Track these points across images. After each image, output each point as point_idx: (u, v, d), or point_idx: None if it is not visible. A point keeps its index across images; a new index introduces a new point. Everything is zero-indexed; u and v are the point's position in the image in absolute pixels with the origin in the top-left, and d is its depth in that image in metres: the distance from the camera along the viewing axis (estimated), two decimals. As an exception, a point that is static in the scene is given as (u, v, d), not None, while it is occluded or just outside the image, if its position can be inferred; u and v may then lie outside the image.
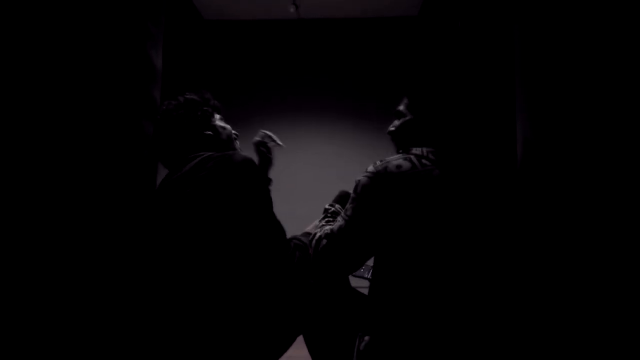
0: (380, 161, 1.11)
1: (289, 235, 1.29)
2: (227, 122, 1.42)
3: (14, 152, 1.02)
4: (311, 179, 3.94)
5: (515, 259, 1.14)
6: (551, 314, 1.05)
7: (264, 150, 1.54)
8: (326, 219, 1.28)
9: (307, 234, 1.35)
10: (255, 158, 1.52)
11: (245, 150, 1.39)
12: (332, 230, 1.10)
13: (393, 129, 1.26)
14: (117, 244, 1.12)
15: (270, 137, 1.57)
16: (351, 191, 1.15)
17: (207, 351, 1.08)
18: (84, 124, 1.07)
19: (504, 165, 1.36)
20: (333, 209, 1.32)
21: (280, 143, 1.58)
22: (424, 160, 1.08)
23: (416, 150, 1.12)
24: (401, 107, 1.26)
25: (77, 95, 1.07)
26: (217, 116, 1.36)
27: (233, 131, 1.40)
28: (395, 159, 1.09)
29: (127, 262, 1.14)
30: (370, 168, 1.11)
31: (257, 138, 1.55)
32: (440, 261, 1.05)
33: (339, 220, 1.11)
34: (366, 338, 1.05)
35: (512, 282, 1.14)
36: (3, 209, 1.00)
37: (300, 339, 1.25)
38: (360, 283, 1.41)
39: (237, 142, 1.42)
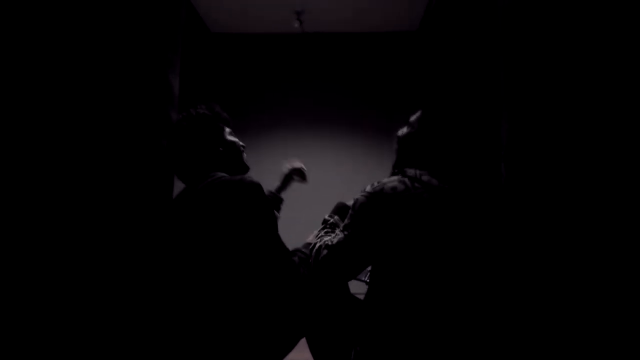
0: (377, 183, 1.23)
1: (293, 244, 1.41)
2: (234, 132, 1.52)
3: (51, 161, 1.14)
4: (313, 185, 4.05)
5: (497, 273, 1.26)
6: (535, 326, 1.17)
7: (289, 181, 1.70)
8: (325, 230, 1.40)
9: (308, 244, 1.46)
10: (278, 179, 1.69)
11: (251, 159, 1.53)
12: (331, 242, 1.22)
13: (400, 135, 1.37)
14: (135, 249, 1.25)
15: (302, 174, 1.70)
16: (346, 202, 1.27)
17: (222, 352, 1.20)
18: (114, 142, 1.20)
19: (489, 187, 1.48)
20: (332, 220, 1.44)
21: (306, 181, 1.75)
22: (416, 184, 1.19)
23: (410, 172, 1.23)
24: (413, 118, 1.36)
25: (109, 117, 1.20)
26: (227, 130, 1.45)
27: (241, 143, 1.49)
28: (391, 182, 1.21)
29: (142, 268, 1.26)
30: (368, 188, 1.23)
31: (289, 168, 1.70)
32: (427, 273, 1.16)
33: (338, 234, 1.23)
34: (358, 348, 1.17)
35: (495, 293, 1.26)
36: (34, 216, 1.12)
37: (302, 343, 1.37)
38: (358, 288, 1.53)
39: (244, 154, 1.51)
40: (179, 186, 1.42)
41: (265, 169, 2.63)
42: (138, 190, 1.25)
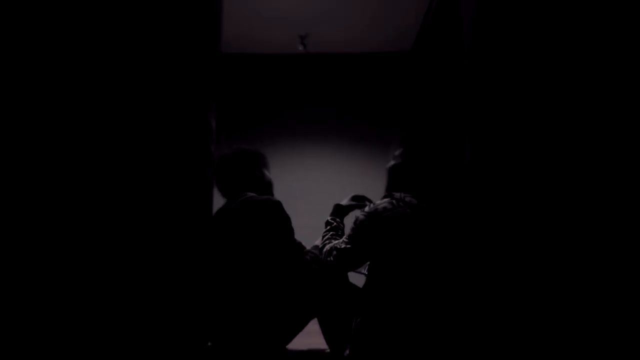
0: (373, 204, 1.63)
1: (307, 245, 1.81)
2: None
3: (130, 187, 1.54)
4: (315, 192, 4.46)
5: (463, 266, 1.66)
6: (495, 308, 1.56)
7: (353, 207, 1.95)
8: (331, 232, 1.80)
9: (316, 246, 1.86)
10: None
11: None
12: (339, 246, 1.63)
13: (388, 167, 1.78)
14: (191, 248, 1.64)
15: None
16: (341, 202, 1.66)
17: (264, 328, 1.59)
18: (170, 173, 1.60)
19: (457, 203, 1.89)
20: (335, 223, 1.83)
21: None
22: (401, 203, 1.59)
23: (396, 195, 1.63)
24: (397, 153, 1.78)
25: (168, 153, 1.60)
26: (262, 162, 1.89)
27: (270, 176, 1.92)
28: (382, 203, 1.61)
29: (199, 263, 1.66)
30: (367, 209, 1.63)
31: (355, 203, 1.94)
32: (409, 267, 1.56)
33: (344, 241, 1.63)
34: (358, 319, 1.57)
35: (459, 280, 1.66)
36: (95, 226, 1.52)
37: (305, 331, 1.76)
38: (358, 280, 1.93)
39: (274, 186, 1.94)
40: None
41: (274, 176, 3.04)
42: (191, 205, 1.66)
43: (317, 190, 4.51)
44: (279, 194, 2.06)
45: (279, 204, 1.64)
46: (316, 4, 3.91)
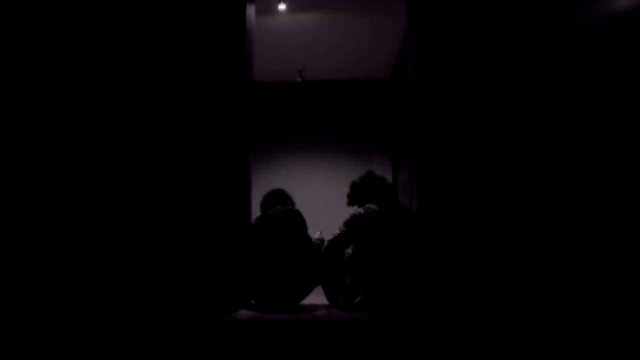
0: (355, 211, 2.59)
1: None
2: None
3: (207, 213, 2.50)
4: (310, 198, 5.45)
5: (411, 248, 2.63)
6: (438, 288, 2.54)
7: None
8: (322, 235, 2.79)
9: (316, 239, 2.84)
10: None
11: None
12: (332, 236, 2.59)
13: (352, 186, 2.78)
14: (238, 247, 2.61)
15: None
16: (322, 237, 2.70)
17: (288, 290, 2.55)
18: (233, 194, 2.57)
19: (406, 208, 2.86)
20: (322, 236, 2.82)
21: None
22: (369, 209, 2.56)
23: (367, 205, 2.60)
24: (357, 178, 2.77)
25: (231, 182, 2.56)
26: (288, 197, 2.89)
27: (292, 199, 2.92)
28: (362, 209, 2.57)
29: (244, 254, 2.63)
30: (352, 212, 2.59)
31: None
32: (374, 247, 2.53)
33: (334, 233, 2.60)
34: (347, 280, 2.55)
35: (405, 253, 2.63)
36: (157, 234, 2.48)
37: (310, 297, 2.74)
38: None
39: (294, 202, 2.94)
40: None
41: (279, 183, 4.00)
42: (240, 210, 2.63)
43: (314, 195, 5.49)
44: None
45: (299, 212, 2.64)
46: (313, 46, 4.88)
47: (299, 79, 5.28)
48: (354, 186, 2.80)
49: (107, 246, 2.37)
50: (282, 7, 3.76)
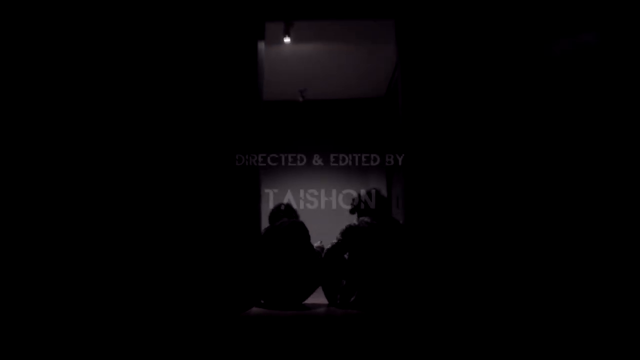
0: (351, 223, 3.02)
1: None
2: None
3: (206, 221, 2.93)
4: (317, 209, 5.85)
5: (398, 254, 3.05)
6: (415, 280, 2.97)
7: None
8: (322, 243, 3.21)
9: (318, 247, 3.26)
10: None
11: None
12: (331, 244, 3.02)
13: (354, 200, 3.20)
14: (250, 252, 3.03)
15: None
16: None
17: (294, 291, 2.97)
18: (248, 209, 3.00)
19: (395, 221, 3.30)
20: (322, 244, 3.25)
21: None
22: (363, 222, 2.99)
23: (362, 218, 3.03)
24: (355, 196, 3.20)
25: (249, 199, 2.99)
26: (293, 208, 3.31)
27: (297, 212, 3.34)
28: (356, 221, 3.00)
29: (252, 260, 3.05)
30: (348, 225, 3.02)
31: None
32: (367, 254, 2.94)
33: (334, 241, 3.03)
34: (344, 282, 2.98)
35: (392, 258, 3.05)
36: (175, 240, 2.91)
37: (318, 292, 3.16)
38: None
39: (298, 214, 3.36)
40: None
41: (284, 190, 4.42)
42: (251, 220, 3.06)
43: (316, 207, 5.90)
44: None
45: (303, 224, 3.07)
46: (314, 71, 5.33)
47: (300, 99, 5.72)
48: (355, 200, 3.21)
49: (149, 254, 2.80)
50: (287, 40, 4.22)
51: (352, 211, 3.20)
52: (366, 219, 3.02)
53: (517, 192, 2.88)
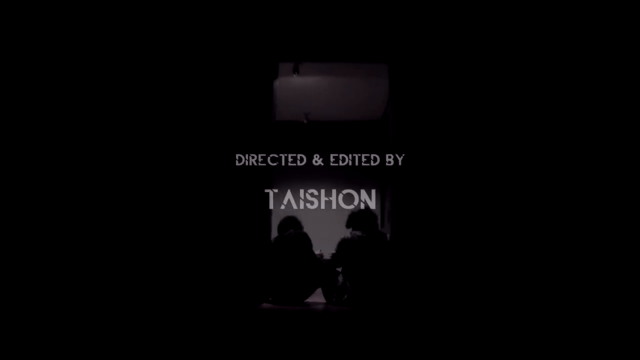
0: (345, 236, 3.64)
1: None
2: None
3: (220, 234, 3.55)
4: (313, 217, 6.49)
5: (386, 263, 3.66)
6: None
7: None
8: (321, 251, 3.83)
9: (319, 255, 3.88)
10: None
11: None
12: (330, 256, 3.64)
13: (350, 215, 3.83)
14: (261, 261, 3.64)
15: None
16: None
17: (298, 290, 3.58)
18: (258, 222, 3.62)
19: (383, 234, 3.92)
20: (322, 253, 3.87)
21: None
22: (355, 235, 3.62)
23: (355, 231, 3.65)
24: (350, 212, 3.83)
25: (262, 211, 3.62)
26: (298, 220, 3.93)
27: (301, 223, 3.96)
28: (351, 235, 3.63)
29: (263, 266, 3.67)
30: (343, 238, 3.64)
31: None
32: (359, 263, 3.56)
33: (331, 253, 3.64)
34: (339, 283, 3.59)
35: (380, 266, 3.66)
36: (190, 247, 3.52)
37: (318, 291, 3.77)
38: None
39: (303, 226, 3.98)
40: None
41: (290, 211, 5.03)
42: (261, 232, 3.68)
43: (317, 218, 6.53)
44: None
45: (306, 235, 3.69)
46: (317, 97, 5.97)
47: (305, 121, 6.36)
48: (350, 215, 3.84)
49: (182, 258, 3.42)
50: (296, 76, 4.88)
51: (347, 226, 3.83)
52: (358, 232, 3.64)
53: (489, 215, 3.50)
